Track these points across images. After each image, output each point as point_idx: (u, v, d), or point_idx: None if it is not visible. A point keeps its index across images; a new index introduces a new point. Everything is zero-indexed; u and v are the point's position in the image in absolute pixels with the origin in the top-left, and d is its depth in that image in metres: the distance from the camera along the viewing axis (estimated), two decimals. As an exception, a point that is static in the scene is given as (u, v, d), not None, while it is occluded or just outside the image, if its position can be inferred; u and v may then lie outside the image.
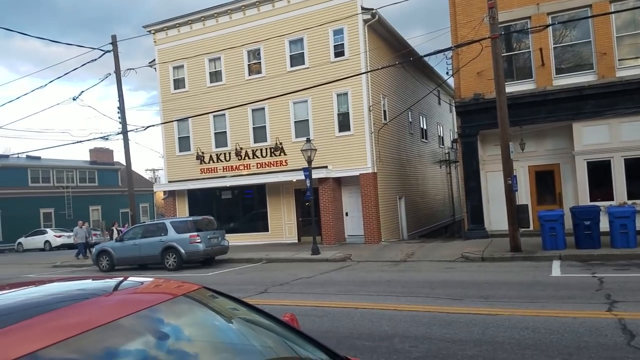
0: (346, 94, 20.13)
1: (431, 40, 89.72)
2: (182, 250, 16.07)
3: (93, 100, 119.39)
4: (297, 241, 21.44)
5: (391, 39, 22.60)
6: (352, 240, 20.65)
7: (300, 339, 2.54)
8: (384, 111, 21.69)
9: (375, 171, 20.02)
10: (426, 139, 28.17)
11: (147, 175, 57.91)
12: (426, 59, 20.46)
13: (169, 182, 24.10)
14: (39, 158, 37.53)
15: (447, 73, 18.82)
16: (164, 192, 24.88)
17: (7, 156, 39.44)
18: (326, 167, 20.01)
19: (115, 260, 17.37)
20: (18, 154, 38.67)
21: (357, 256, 15.82)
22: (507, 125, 13.69)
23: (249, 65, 22.16)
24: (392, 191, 21.95)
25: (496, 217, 17.34)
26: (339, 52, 20.22)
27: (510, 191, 13.45)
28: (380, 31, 21.45)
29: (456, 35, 17.49)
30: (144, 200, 44.35)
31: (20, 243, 32.78)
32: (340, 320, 7.12)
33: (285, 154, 21.31)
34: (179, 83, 23.68)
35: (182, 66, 23.45)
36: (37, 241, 32.09)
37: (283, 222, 21.99)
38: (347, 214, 21.24)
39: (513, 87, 16.29)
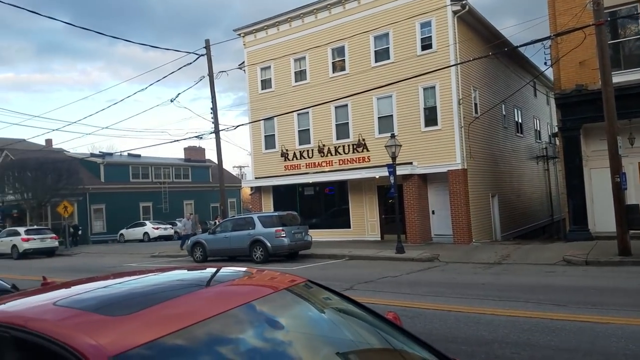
0: (433, 87, 19.52)
1: (526, 30, 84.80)
2: (269, 244, 16.54)
3: (186, 102, 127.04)
4: (379, 239, 21.19)
5: (482, 30, 21.58)
6: (439, 240, 19.99)
7: (407, 338, 2.46)
8: (475, 104, 20.77)
9: (465, 167, 19.21)
10: (521, 133, 26.60)
11: (234, 172, 60.52)
12: (521, 49, 19.25)
13: (256, 178, 24.91)
14: (139, 156, 40.58)
15: (545, 63, 17.56)
16: (251, 187, 25.77)
17: (111, 154, 42.93)
18: (411, 163, 19.56)
19: (208, 252, 18.24)
20: (121, 152, 42.11)
21: (445, 257, 15.29)
22: (615, 118, 12.54)
23: (333, 63, 22.26)
24: (483, 189, 20.96)
25: (601, 217, 15.94)
26: (426, 45, 19.64)
27: (619, 190, 12.30)
28: (471, 22, 20.55)
29: (555, 24, 16.31)
30: (232, 196, 46.29)
31: (122, 234, 35.60)
32: (432, 322, 6.87)
33: (367, 150, 21.16)
34: (266, 83, 24.38)
35: (269, 67, 24.10)
36: (137, 232, 34.68)
37: (365, 219, 21.86)
38: (433, 212, 20.62)
39: (620, 77, 14.82)
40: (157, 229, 34.48)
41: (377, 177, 20.20)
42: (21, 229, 27.76)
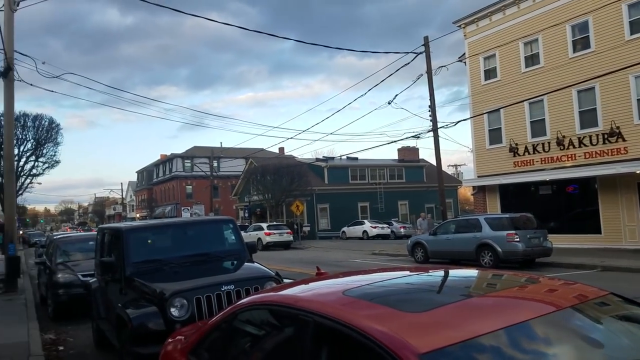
0: None
1: None
2: (499, 249, 14.99)
3: (398, 103, 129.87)
4: (641, 248, 17.31)
5: None
6: None
7: None
8: None
9: None
10: None
11: (449, 171, 58.62)
12: None
13: (478, 177, 23.18)
14: (356, 159, 42.38)
15: None
16: (473, 187, 24.11)
17: (332, 158, 46.04)
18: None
19: (429, 253, 17.58)
20: (340, 156, 44.72)
21: None
22: None
23: (573, 41, 19.19)
24: None
25: None
26: None
27: None
28: None
29: None
30: (448, 196, 44.49)
31: (343, 231, 37.63)
32: None
33: (624, 140, 17.52)
34: (489, 73, 22.51)
35: (493, 55, 22.18)
36: (357, 230, 36.21)
37: (622, 223, 18.11)
38: None
39: None
40: (375, 227, 35.40)
41: (637, 172, 16.55)
42: (264, 225, 31.87)
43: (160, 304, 5.17)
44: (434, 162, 23.05)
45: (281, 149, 50.66)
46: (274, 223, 33.39)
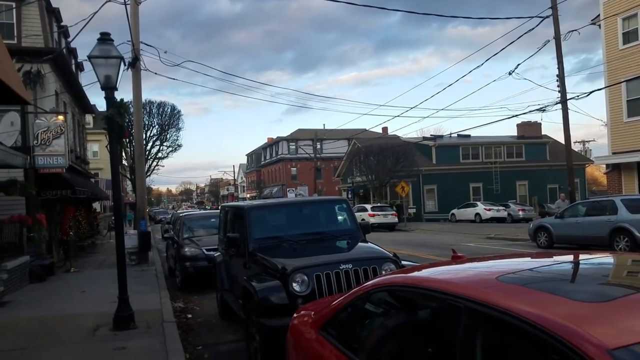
0: None
1: None
2: (638, 234, 13.38)
3: (519, 74, 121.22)
4: None
5: None
6: None
7: None
8: None
9: None
10: None
11: (575, 148, 53.46)
12: None
13: (613, 154, 20.68)
14: (468, 136, 40.22)
15: None
16: (606, 165, 21.61)
17: (441, 136, 44.24)
18: None
19: (554, 238, 16.16)
20: (450, 133, 42.80)
21: None
22: None
23: None
24: None
25: None
26: None
27: None
28: None
29: None
30: (575, 176, 40.84)
31: (453, 214, 36.08)
32: None
33: None
34: (629, 36, 19.77)
35: (634, 16, 19.40)
36: (468, 213, 34.49)
37: None
38: None
39: None
40: (489, 210, 33.39)
41: None
42: (368, 206, 31.60)
43: (283, 279, 5.26)
44: (558, 138, 20.93)
45: (385, 129, 49.84)
46: (378, 204, 32.99)
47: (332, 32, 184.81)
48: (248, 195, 75.66)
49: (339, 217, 7.37)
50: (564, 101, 19.00)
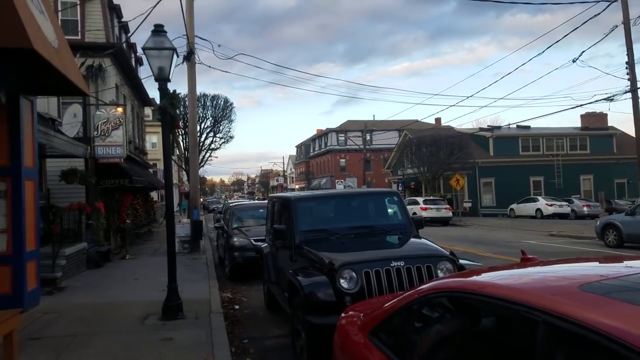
0: None
1: None
2: None
3: (584, 62, 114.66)
4: None
5: None
6: None
7: None
8: None
9: None
10: None
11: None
12: None
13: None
14: (528, 127, 38.32)
15: None
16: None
17: (499, 127, 42.43)
18: None
19: (624, 236, 14.97)
20: (509, 124, 40.96)
21: None
22: None
23: None
24: None
25: None
26: None
27: None
28: None
29: None
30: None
31: (512, 209, 34.50)
32: None
33: None
34: None
35: None
36: (528, 208, 32.86)
37: None
38: None
39: None
40: (551, 205, 31.62)
41: None
42: (419, 199, 30.74)
43: (330, 274, 4.98)
44: (625, 129, 19.40)
45: (437, 120, 48.45)
46: (431, 197, 32.03)
47: (384, 22, 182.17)
48: (297, 186, 76.23)
49: (390, 211, 7.00)
50: (634, 90, 17.57)
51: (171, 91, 7.10)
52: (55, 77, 6.82)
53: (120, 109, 14.98)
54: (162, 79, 6.97)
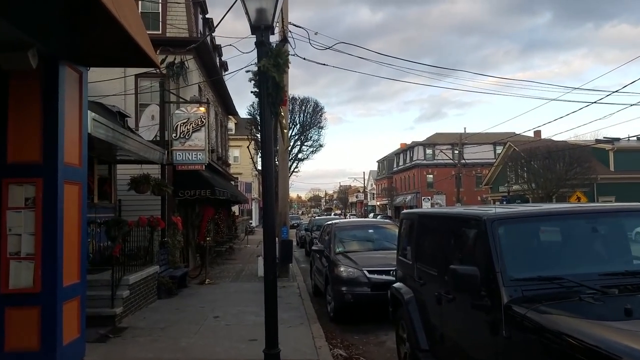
0: None
1: None
2: None
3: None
4: None
5: None
6: None
7: None
8: None
9: None
10: None
11: None
12: None
13: None
14: (656, 138, 32.65)
15: None
16: None
17: (618, 139, 36.94)
18: None
19: None
20: (629, 137, 35.52)
21: None
22: None
23: None
24: None
25: None
26: None
27: None
28: None
29: None
30: None
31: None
32: None
33: None
34: None
35: None
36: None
37: None
38: None
39: None
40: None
41: None
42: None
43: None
44: None
45: (537, 132, 43.33)
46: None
47: (473, 36, 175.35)
48: (378, 203, 72.75)
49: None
50: None
51: (274, 47, 4.59)
52: (111, 32, 4.60)
53: (202, 108, 13.03)
54: (261, 27, 4.49)
